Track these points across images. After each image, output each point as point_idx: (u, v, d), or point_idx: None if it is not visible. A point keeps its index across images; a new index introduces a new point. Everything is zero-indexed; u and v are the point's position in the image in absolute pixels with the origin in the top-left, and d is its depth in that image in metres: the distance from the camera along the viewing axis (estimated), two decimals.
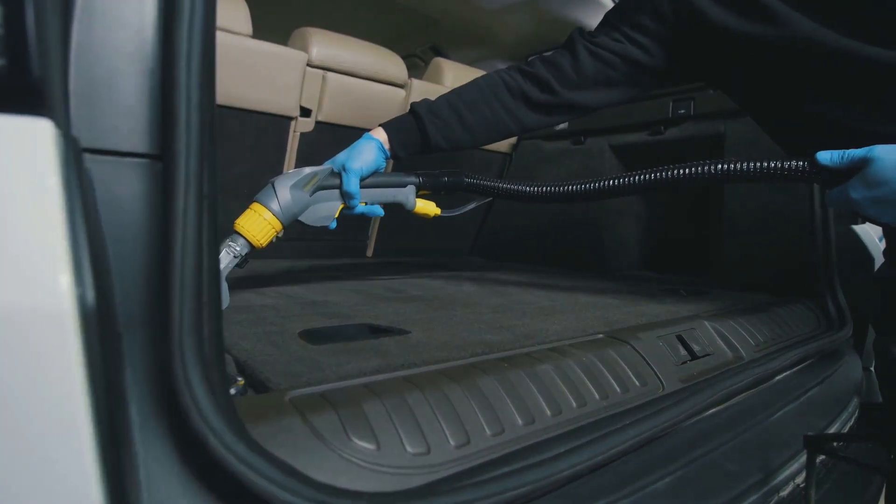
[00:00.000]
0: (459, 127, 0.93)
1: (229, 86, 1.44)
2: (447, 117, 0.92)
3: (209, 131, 0.35)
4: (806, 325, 1.11)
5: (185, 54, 0.34)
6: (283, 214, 0.83)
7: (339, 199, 0.90)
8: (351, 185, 0.88)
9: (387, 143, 0.92)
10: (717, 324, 0.91)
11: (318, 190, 0.87)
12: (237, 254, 0.82)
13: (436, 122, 0.92)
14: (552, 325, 0.81)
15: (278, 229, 0.84)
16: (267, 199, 0.83)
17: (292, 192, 0.84)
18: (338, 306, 0.90)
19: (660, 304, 1.07)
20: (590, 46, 0.92)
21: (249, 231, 0.82)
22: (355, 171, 0.88)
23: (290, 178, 0.85)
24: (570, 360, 0.63)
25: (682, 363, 0.77)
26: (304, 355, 0.57)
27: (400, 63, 1.74)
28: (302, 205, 0.85)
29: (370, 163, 0.90)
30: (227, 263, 0.81)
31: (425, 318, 0.82)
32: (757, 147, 1.35)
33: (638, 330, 0.79)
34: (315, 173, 0.87)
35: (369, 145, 0.91)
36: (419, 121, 0.92)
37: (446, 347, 0.64)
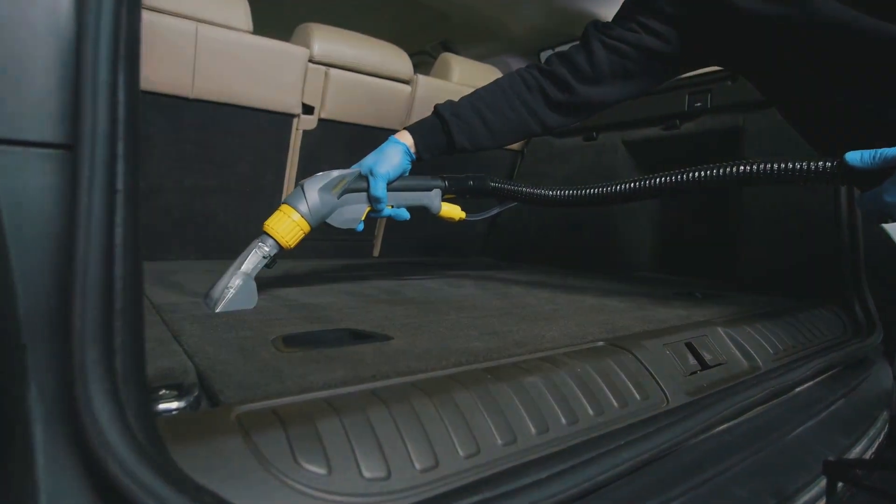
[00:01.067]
0: (483, 128, 0.93)
1: (230, 83, 1.42)
2: (470, 119, 0.92)
3: (128, 117, 0.31)
4: (831, 330, 1.03)
5: (92, 27, 0.30)
6: (312, 216, 0.84)
7: (366, 202, 0.91)
8: (378, 189, 0.89)
9: (412, 147, 0.93)
10: (731, 330, 0.84)
11: (345, 193, 0.88)
12: (266, 254, 0.84)
13: (459, 124, 0.92)
14: (550, 330, 0.75)
15: (306, 230, 0.86)
16: (296, 201, 0.84)
17: (321, 195, 0.85)
18: (326, 309, 0.86)
19: (671, 308, 1.01)
20: (604, 39, 0.90)
21: (278, 232, 0.83)
22: (382, 175, 0.89)
23: (319, 180, 0.86)
24: (563, 371, 0.57)
25: (691, 374, 0.71)
26: (270, 364, 0.53)
27: (405, 58, 1.70)
28: (330, 207, 0.86)
29: (396, 167, 0.90)
30: (256, 264, 0.83)
31: (415, 323, 0.77)
32: (778, 141, 1.27)
33: (643, 337, 0.73)
34: (343, 176, 0.88)
35: (395, 149, 0.91)
36: (444, 123, 0.93)
37: (427, 356, 0.59)
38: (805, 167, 0.74)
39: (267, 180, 1.59)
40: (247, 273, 0.83)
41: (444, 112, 0.93)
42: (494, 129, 0.94)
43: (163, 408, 0.43)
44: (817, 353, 0.92)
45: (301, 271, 1.38)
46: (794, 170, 0.76)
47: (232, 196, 1.55)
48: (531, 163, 1.99)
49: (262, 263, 0.84)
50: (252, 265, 0.83)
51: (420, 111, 1.74)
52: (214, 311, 0.79)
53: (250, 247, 0.84)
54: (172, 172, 1.44)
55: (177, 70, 1.33)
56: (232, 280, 0.82)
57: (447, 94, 1.82)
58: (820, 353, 0.91)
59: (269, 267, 0.85)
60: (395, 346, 0.63)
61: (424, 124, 0.95)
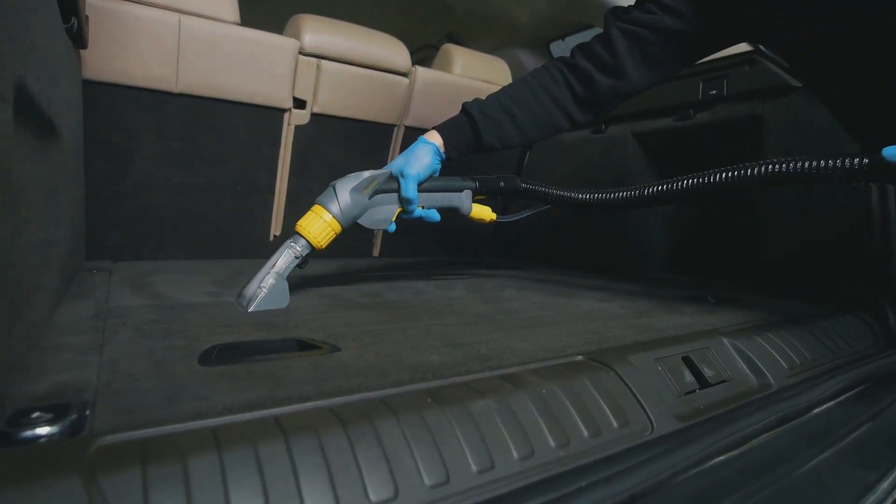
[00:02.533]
0: (511, 125, 0.92)
1: (216, 77, 1.37)
2: (498, 117, 0.91)
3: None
4: (858, 341, 0.91)
5: None
6: (343, 217, 0.84)
7: (396, 203, 0.91)
8: (409, 190, 0.89)
9: (441, 147, 0.92)
10: (740, 341, 0.74)
11: (376, 193, 0.88)
12: (298, 254, 0.84)
13: (487, 123, 0.91)
14: (526, 341, 0.67)
15: (338, 231, 0.85)
16: (327, 202, 0.85)
17: (352, 195, 0.85)
18: (287, 313, 0.79)
19: (676, 314, 0.91)
20: (622, 25, 0.87)
21: (310, 232, 0.83)
22: (413, 176, 0.89)
23: (350, 181, 0.86)
24: (524, 393, 0.49)
25: (686, 393, 0.61)
26: (176, 382, 0.46)
27: (402, 49, 1.62)
28: (361, 208, 0.86)
29: (426, 167, 0.90)
30: (288, 263, 0.83)
31: (377, 331, 0.69)
32: (801, 131, 1.16)
33: (632, 350, 0.64)
34: (375, 177, 0.88)
35: (425, 149, 0.91)
36: (472, 122, 0.92)
37: (367, 372, 0.51)
38: (837, 165, 0.68)
39: (259, 177, 1.54)
40: (279, 273, 0.83)
41: (471, 110, 0.92)
42: (523, 125, 0.92)
43: (27, 435, 0.37)
44: (841, 367, 0.81)
45: None
46: (819, 168, 0.69)
47: (223, 194, 1.50)
48: (539, 157, 1.90)
49: (295, 263, 0.84)
50: (284, 265, 0.83)
51: (419, 104, 1.67)
52: (248, 310, 0.79)
53: (283, 247, 0.85)
54: (160, 169, 1.40)
55: (159, 64, 1.29)
56: (265, 280, 0.82)
57: (448, 87, 1.75)
58: (844, 368, 0.80)
59: (300, 267, 0.85)
60: (339, 358, 0.56)
61: (453, 123, 0.94)
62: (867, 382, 0.81)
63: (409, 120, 1.68)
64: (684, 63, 0.91)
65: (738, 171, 0.79)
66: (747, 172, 0.78)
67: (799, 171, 0.72)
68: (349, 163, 1.65)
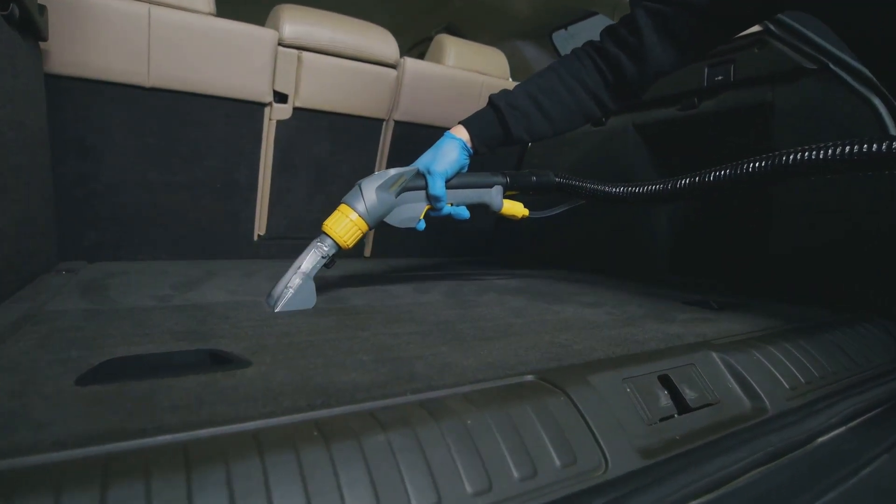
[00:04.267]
0: (539, 116, 0.89)
1: (190, 70, 1.31)
2: (526, 108, 0.88)
3: None
4: (877, 354, 0.80)
5: None
6: (369, 215, 0.83)
7: (424, 200, 0.89)
8: (437, 188, 0.87)
9: (469, 142, 0.90)
10: (733, 355, 0.64)
11: (403, 191, 0.86)
12: (325, 254, 0.83)
13: (515, 115, 0.88)
14: (474, 357, 0.58)
15: (364, 230, 0.84)
16: (353, 201, 0.83)
17: (378, 194, 0.83)
18: (228, 319, 0.72)
19: (666, 322, 0.81)
20: (647, 4, 0.82)
21: (336, 232, 0.82)
22: (440, 173, 0.87)
23: (377, 179, 0.84)
24: (442, 424, 0.40)
25: (660, 421, 0.52)
26: (28, 404, 0.39)
27: (390, 40, 1.55)
28: (387, 206, 0.85)
29: (454, 163, 0.88)
30: (315, 263, 0.82)
31: (308, 342, 0.62)
32: (814, 118, 1.04)
33: (596, 368, 0.54)
34: (401, 174, 0.86)
35: (452, 145, 0.88)
36: (499, 114, 0.89)
37: (259, 397, 0.43)
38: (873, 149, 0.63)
39: (240, 175, 1.48)
40: (306, 273, 0.82)
41: (498, 102, 0.89)
42: (552, 116, 0.89)
43: None
44: (855, 386, 0.70)
45: (262, 271, 1.25)
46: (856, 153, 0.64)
47: (202, 192, 1.44)
48: (538, 151, 1.80)
49: (322, 263, 0.83)
50: (311, 265, 0.82)
51: (409, 98, 1.59)
52: (275, 310, 0.79)
53: (309, 247, 0.83)
54: (135, 167, 1.35)
55: (129, 57, 1.24)
56: (292, 280, 0.81)
57: (440, 79, 1.66)
58: (859, 387, 0.70)
59: (327, 267, 0.84)
60: (239, 378, 0.48)
61: (479, 117, 0.91)
62: (885, 405, 0.70)
63: (399, 114, 1.61)
64: (715, 40, 0.86)
65: (774, 159, 0.73)
66: (785, 160, 0.71)
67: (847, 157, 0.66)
68: (335, 159, 1.59)
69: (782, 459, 0.54)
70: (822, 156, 0.67)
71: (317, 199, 1.60)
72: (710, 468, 0.48)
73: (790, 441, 0.56)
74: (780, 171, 0.72)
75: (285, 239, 1.60)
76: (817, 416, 0.62)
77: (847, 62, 0.99)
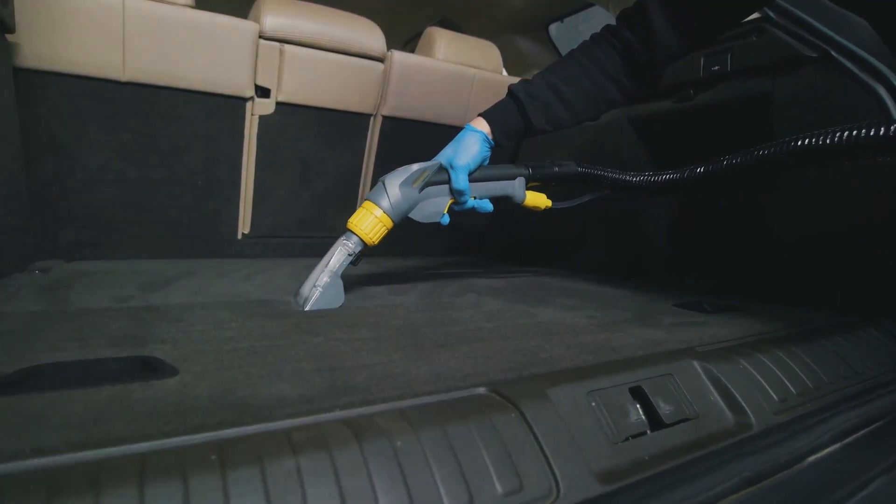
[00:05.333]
0: (559, 105, 0.88)
1: (167, 64, 1.27)
2: (546, 97, 0.88)
3: None
4: (880, 362, 0.74)
5: None
6: (394, 212, 0.83)
7: (447, 194, 0.89)
8: (460, 182, 0.87)
9: (490, 134, 0.89)
10: (716, 364, 0.59)
11: (426, 186, 0.86)
12: (351, 251, 0.83)
13: (535, 105, 0.88)
14: (427, 365, 0.53)
15: (389, 226, 0.85)
16: (377, 198, 0.84)
17: (402, 189, 0.83)
18: (172, 324, 0.67)
19: (650, 327, 0.76)
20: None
21: (362, 229, 0.82)
22: (462, 166, 0.87)
23: (400, 175, 0.85)
24: (371, 444, 0.36)
25: (629, 438, 0.47)
26: None
27: (377, 32, 1.50)
28: (412, 201, 0.85)
29: (476, 156, 0.88)
30: (342, 262, 0.83)
31: (248, 349, 0.57)
32: (816, 109, 0.98)
33: (558, 379, 0.49)
34: (424, 169, 0.86)
35: (473, 138, 0.88)
36: (519, 105, 0.89)
37: (168, 413, 0.39)
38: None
39: (222, 171, 1.44)
40: (333, 271, 0.82)
41: (518, 93, 0.88)
42: (572, 104, 0.88)
43: None
44: (853, 398, 0.64)
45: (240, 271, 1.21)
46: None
47: (183, 189, 1.40)
48: (531, 146, 1.74)
49: (348, 261, 0.83)
50: (338, 263, 0.82)
51: (397, 92, 1.54)
52: (304, 309, 0.79)
53: (335, 245, 0.84)
54: (112, 164, 1.31)
55: (103, 50, 1.20)
56: (320, 279, 0.81)
57: (429, 72, 1.61)
58: (857, 399, 0.64)
59: (354, 264, 0.85)
60: (158, 389, 0.43)
61: (499, 108, 0.91)
62: (887, 417, 0.64)
63: (387, 109, 1.56)
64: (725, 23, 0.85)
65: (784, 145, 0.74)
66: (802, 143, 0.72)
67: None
68: (321, 155, 1.54)
69: (765, 483, 0.48)
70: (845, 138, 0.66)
71: (303, 197, 1.56)
72: (682, 494, 0.43)
73: (776, 461, 0.51)
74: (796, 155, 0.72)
75: (270, 237, 1.56)
76: (809, 432, 0.56)
77: (849, 49, 0.92)
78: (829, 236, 1.00)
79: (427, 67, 1.57)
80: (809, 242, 1.04)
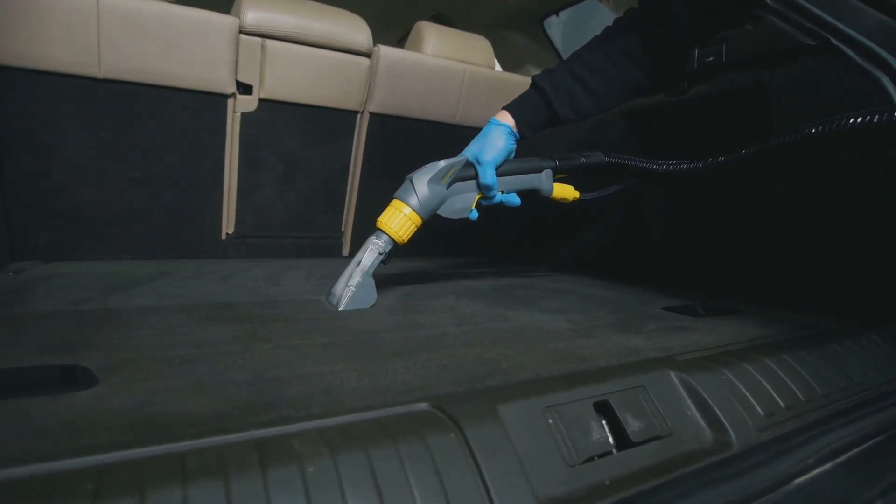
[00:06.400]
0: (583, 93, 0.87)
1: (145, 60, 1.24)
2: (570, 86, 0.86)
3: None
4: (881, 371, 0.69)
5: None
6: (422, 209, 0.83)
7: (475, 190, 0.89)
8: (488, 177, 0.87)
9: (514, 127, 0.88)
10: (695, 375, 0.54)
11: (454, 182, 0.86)
12: (381, 250, 0.83)
13: (559, 94, 0.86)
14: (371, 378, 0.49)
15: (418, 224, 0.85)
16: (406, 195, 0.84)
17: (430, 186, 0.84)
18: (116, 329, 0.63)
19: (630, 332, 0.71)
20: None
21: (391, 228, 0.83)
22: (489, 161, 0.86)
23: (427, 172, 0.84)
24: (278, 471, 0.31)
25: (588, 461, 0.42)
26: None
27: (363, 27, 1.46)
28: (440, 198, 0.85)
29: (502, 150, 0.87)
30: (372, 260, 0.83)
31: (189, 356, 0.53)
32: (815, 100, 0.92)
33: (513, 393, 0.44)
34: (451, 165, 0.86)
35: (498, 132, 0.87)
36: (543, 96, 0.87)
37: (63, 433, 0.35)
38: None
39: (204, 169, 1.40)
40: (365, 271, 0.82)
41: (541, 83, 0.87)
42: (598, 92, 0.86)
43: None
44: (847, 411, 0.59)
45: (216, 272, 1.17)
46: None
47: (163, 188, 1.37)
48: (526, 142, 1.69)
49: (379, 260, 0.84)
50: (369, 262, 0.83)
51: (385, 88, 1.50)
52: (338, 309, 0.79)
53: (366, 244, 0.84)
54: (91, 163, 1.28)
55: (77, 46, 1.17)
56: (351, 278, 0.82)
57: (417, 68, 1.55)
58: (851, 413, 0.59)
59: (384, 263, 0.85)
60: (68, 403, 0.39)
61: (523, 100, 0.89)
62: (885, 433, 0.58)
63: (374, 106, 1.52)
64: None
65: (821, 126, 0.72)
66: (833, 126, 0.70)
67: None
68: (307, 153, 1.50)
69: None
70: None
71: (289, 196, 1.52)
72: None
73: (758, 484, 0.46)
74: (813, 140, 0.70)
75: (256, 238, 1.53)
76: (797, 450, 0.51)
77: (851, 36, 0.87)
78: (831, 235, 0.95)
79: (415, 62, 1.53)
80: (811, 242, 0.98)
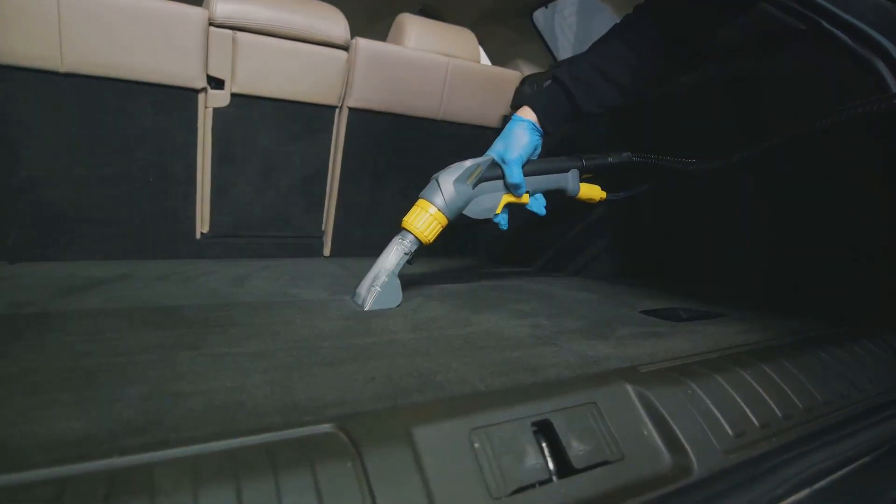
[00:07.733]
0: (605, 85, 0.84)
1: (110, 53, 1.19)
2: (591, 78, 0.84)
3: None
4: (874, 382, 0.62)
5: None
6: (448, 209, 0.82)
7: (501, 189, 0.88)
8: (514, 175, 0.85)
9: (537, 122, 0.86)
10: (656, 389, 0.48)
11: (480, 182, 0.85)
12: (407, 250, 0.82)
13: (581, 87, 0.84)
14: (283, 393, 0.43)
15: (444, 224, 0.84)
16: (431, 195, 0.83)
17: (455, 186, 0.82)
18: (42, 335, 0.58)
19: (596, 339, 0.65)
20: None
21: (417, 227, 0.82)
22: (515, 160, 0.85)
23: (453, 171, 0.83)
24: None
25: (518, 491, 0.37)
26: None
27: (340, 19, 1.41)
28: (466, 198, 0.84)
29: (527, 147, 0.86)
30: (398, 261, 0.82)
31: (99, 365, 0.48)
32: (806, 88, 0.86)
33: (438, 412, 0.39)
34: (477, 165, 0.85)
35: (522, 128, 0.86)
36: (565, 89, 0.85)
37: None
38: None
39: (176, 167, 1.35)
40: (390, 271, 0.82)
41: (562, 77, 0.85)
42: (621, 82, 0.84)
43: None
44: (833, 428, 0.53)
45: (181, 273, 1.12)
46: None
47: (134, 186, 1.32)
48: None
49: (405, 260, 0.83)
50: (395, 262, 0.82)
51: (364, 82, 1.45)
52: (364, 308, 0.79)
53: (391, 244, 0.83)
54: (58, 160, 1.24)
55: (37, 39, 1.12)
56: (377, 278, 0.81)
57: (397, 61, 1.49)
58: (837, 430, 0.53)
59: (410, 263, 0.84)
60: None
61: (545, 95, 0.88)
62: (874, 453, 0.52)
63: (353, 101, 1.46)
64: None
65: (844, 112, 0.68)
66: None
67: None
68: (284, 150, 1.45)
69: None
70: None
71: (266, 195, 1.47)
72: None
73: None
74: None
75: (233, 237, 1.48)
76: (770, 475, 0.45)
77: (843, 19, 0.81)
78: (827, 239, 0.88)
79: (395, 55, 1.48)
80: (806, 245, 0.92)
